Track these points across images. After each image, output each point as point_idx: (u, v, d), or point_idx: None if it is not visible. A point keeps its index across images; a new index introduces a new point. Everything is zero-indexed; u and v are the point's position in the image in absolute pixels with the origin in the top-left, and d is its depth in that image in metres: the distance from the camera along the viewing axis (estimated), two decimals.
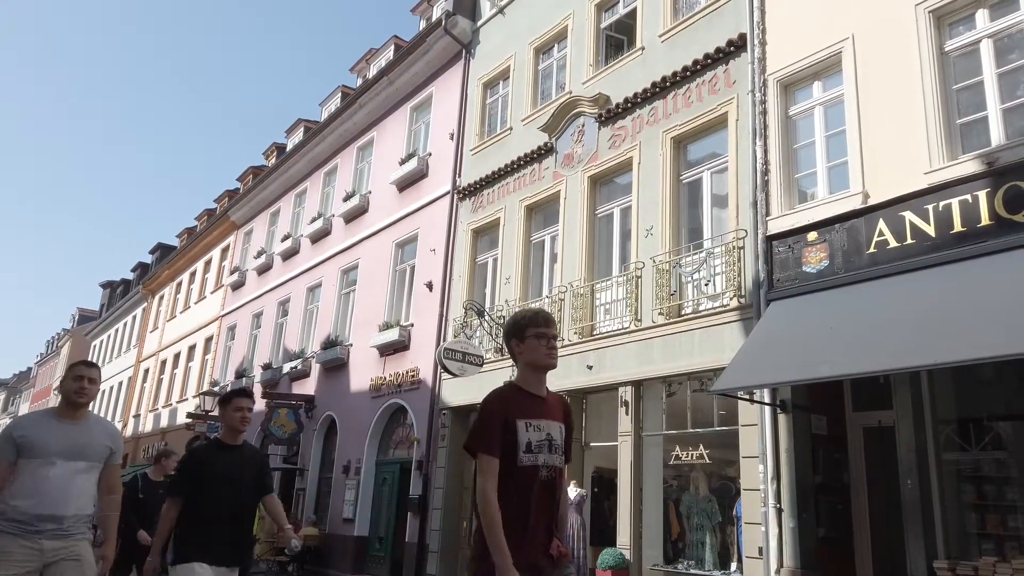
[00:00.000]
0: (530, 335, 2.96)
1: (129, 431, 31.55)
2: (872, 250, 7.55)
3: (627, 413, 9.92)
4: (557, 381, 10.97)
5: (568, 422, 3.05)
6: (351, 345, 16.81)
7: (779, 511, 7.79)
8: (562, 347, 11.09)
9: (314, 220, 20.12)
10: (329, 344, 17.30)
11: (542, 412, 2.91)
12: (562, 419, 3.00)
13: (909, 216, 7.30)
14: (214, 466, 4.37)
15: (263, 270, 22.84)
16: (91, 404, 4.14)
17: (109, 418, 35.38)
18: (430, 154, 16.09)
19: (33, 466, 3.78)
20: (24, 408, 63.74)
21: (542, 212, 12.85)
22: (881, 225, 7.51)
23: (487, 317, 12.59)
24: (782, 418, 7.99)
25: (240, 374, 21.73)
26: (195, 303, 28.48)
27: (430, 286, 14.58)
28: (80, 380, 3.99)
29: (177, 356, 28.43)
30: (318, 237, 19.96)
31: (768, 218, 8.63)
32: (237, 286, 24.48)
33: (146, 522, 6.62)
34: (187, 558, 4.21)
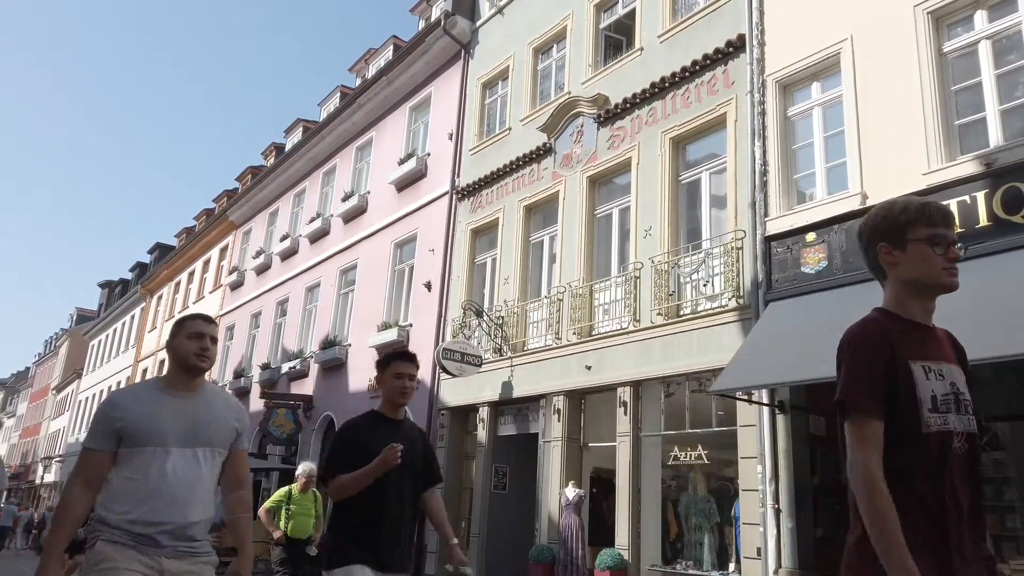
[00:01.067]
0: (917, 238, 1.90)
1: None
2: None
3: (626, 413, 9.92)
4: (555, 382, 10.98)
5: (966, 367, 2.00)
6: (350, 345, 16.80)
7: (777, 511, 7.79)
8: (560, 347, 11.10)
9: (313, 220, 20.11)
10: (328, 344, 17.29)
11: (939, 352, 1.93)
12: (957, 361, 1.97)
13: None
14: (377, 444, 3.30)
15: (262, 270, 22.83)
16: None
17: None
18: (429, 154, 16.09)
19: (142, 458, 2.71)
20: (22, 408, 63.66)
21: (541, 212, 12.85)
22: None
23: (486, 317, 12.59)
24: (780, 419, 7.99)
25: (239, 374, 21.72)
26: (194, 303, 28.46)
27: (429, 286, 14.57)
28: (201, 339, 2.89)
29: None
30: (317, 237, 19.95)
31: (767, 219, 8.64)
32: (236, 286, 24.47)
33: None
34: (345, 559, 3.27)
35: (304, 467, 8.34)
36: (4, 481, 6.53)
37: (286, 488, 8.14)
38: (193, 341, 2.89)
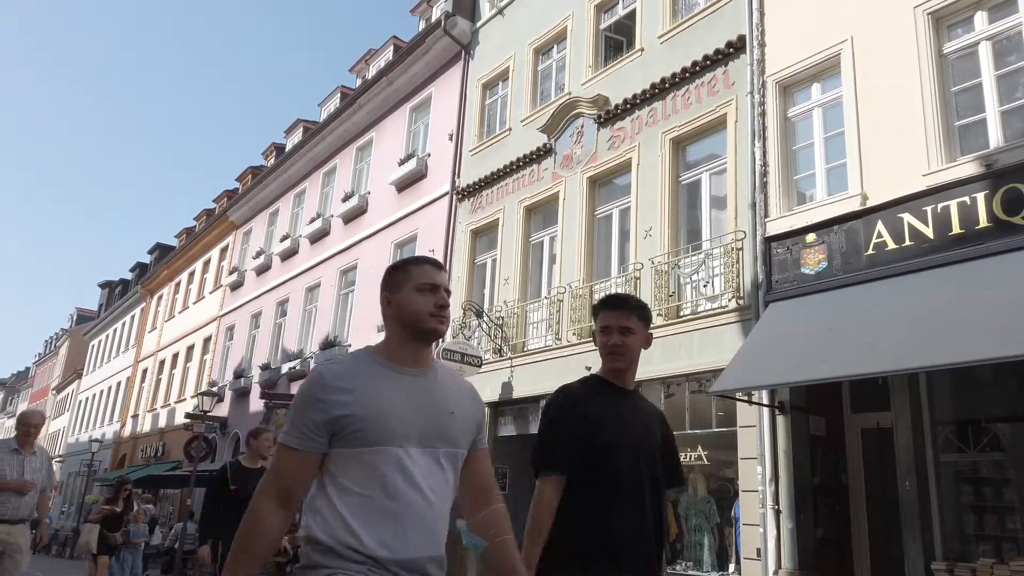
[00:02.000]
0: None
1: (127, 431, 31.52)
2: (871, 252, 7.55)
3: None
4: (555, 382, 10.97)
5: None
6: (350, 346, 16.80)
7: (777, 512, 7.79)
8: (561, 348, 11.10)
9: (313, 220, 20.12)
10: (328, 344, 17.29)
11: None
12: None
13: (908, 218, 7.31)
14: (610, 422, 2.56)
15: (262, 270, 22.83)
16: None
17: (105, 420, 35.35)
18: (429, 155, 16.09)
19: (375, 462, 1.90)
20: (22, 408, 63.59)
21: (541, 213, 12.85)
22: (880, 227, 7.52)
23: (486, 318, 12.59)
24: (780, 419, 7.99)
25: (239, 374, 21.71)
26: (194, 303, 28.47)
27: None
28: (436, 291, 2.05)
29: (176, 356, 28.41)
30: (317, 237, 19.96)
31: (767, 219, 8.64)
32: (236, 286, 24.47)
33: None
34: (584, 570, 2.46)
35: None
36: (52, 477, 6.43)
37: None
38: (426, 295, 2.03)
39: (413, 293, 2.04)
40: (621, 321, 2.66)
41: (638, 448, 2.56)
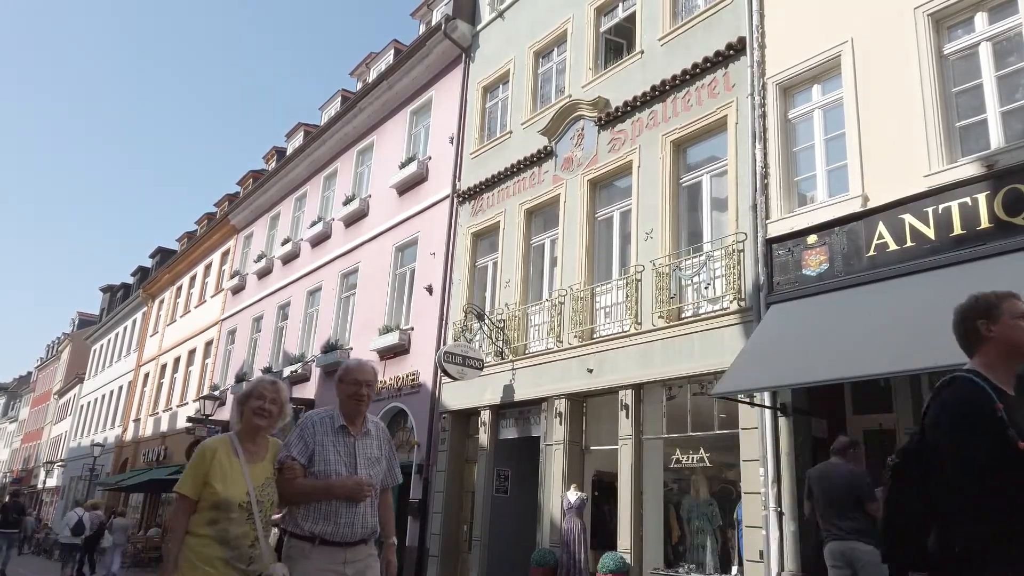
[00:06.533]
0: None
1: (129, 435, 31.52)
2: (872, 253, 7.55)
3: (627, 416, 9.91)
4: (556, 385, 10.97)
5: None
6: (351, 349, 16.79)
7: (780, 514, 7.78)
8: (562, 350, 11.10)
9: (314, 224, 20.13)
10: (329, 348, 17.28)
11: None
12: None
13: (909, 219, 7.31)
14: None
15: (263, 274, 22.84)
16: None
17: (107, 424, 35.38)
18: (430, 158, 16.10)
19: None
20: (24, 413, 63.66)
21: (542, 215, 12.86)
22: (881, 228, 7.51)
23: (487, 320, 12.59)
24: (783, 421, 7.98)
25: (240, 378, 21.70)
26: (195, 307, 28.48)
27: (430, 290, 14.57)
28: None
29: (177, 360, 28.42)
30: (318, 241, 19.96)
31: (768, 221, 8.63)
32: (237, 290, 24.48)
33: None
34: None
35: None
36: (396, 469, 3.83)
37: None
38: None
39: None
40: None
41: None
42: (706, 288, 9.39)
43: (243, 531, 3.19)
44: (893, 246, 7.38)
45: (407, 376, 14.45)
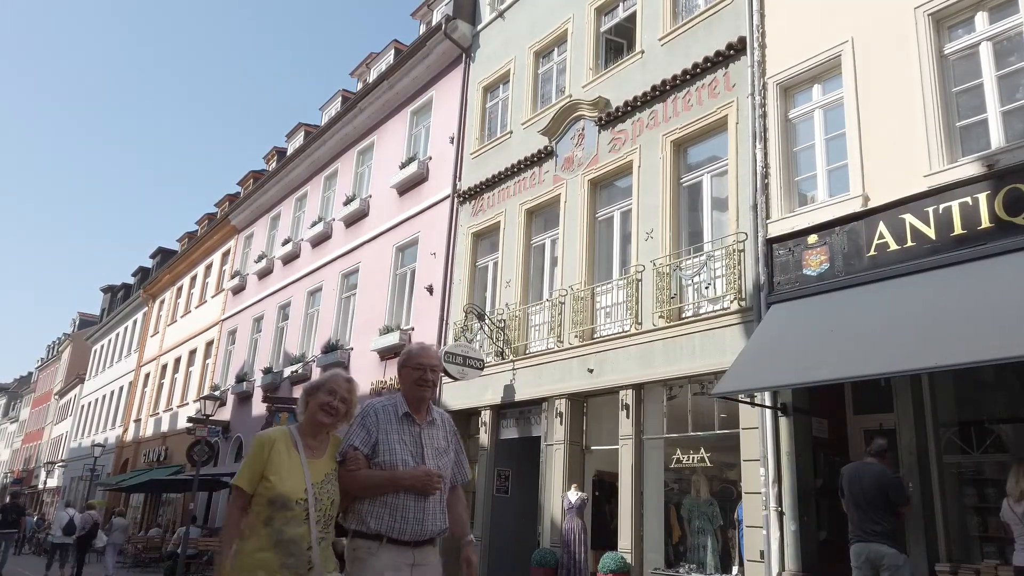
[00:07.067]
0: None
1: (130, 436, 31.54)
2: (872, 253, 7.54)
3: (628, 416, 9.91)
4: (557, 385, 10.98)
5: None
6: (351, 349, 16.80)
7: (780, 514, 7.78)
8: (562, 350, 11.10)
9: (314, 224, 20.14)
10: (330, 348, 17.29)
11: None
12: None
13: (909, 219, 7.30)
14: None
15: (264, 274, 22.86)
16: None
17: (108, 425, 35.40)
18: (430, 158, 16.10)
19: None
20: (24, 413, 63.70)
21: (542, 215, 12.86)
22: (881, 228, 7.51)
23: (487, 321, 12.59)
24: (783, 421, 7.98)
25: (241, 378, 21.72)
26: (196, 307, 28.50)
27: (430, 290, 14.57)
28: None
29: (178, 360, 28.43)
30: (318, 241, 19.97)
31: (768, 221, 8.63)
32: (238, 290, 24.49)
33: None
34: None
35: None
36: (464, 463, 3.60)
37: None
38: None
39: None
40: None
41: None
42: (707, 288, 9.39)
43: (300, 532, 2.91)
44: (894, 246, 7.38)
45: None
